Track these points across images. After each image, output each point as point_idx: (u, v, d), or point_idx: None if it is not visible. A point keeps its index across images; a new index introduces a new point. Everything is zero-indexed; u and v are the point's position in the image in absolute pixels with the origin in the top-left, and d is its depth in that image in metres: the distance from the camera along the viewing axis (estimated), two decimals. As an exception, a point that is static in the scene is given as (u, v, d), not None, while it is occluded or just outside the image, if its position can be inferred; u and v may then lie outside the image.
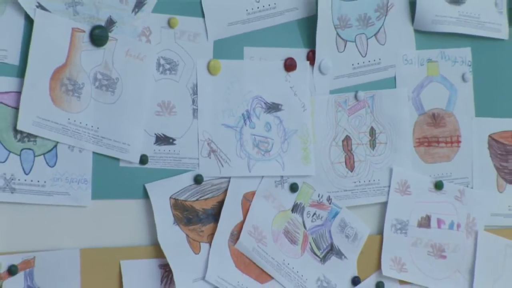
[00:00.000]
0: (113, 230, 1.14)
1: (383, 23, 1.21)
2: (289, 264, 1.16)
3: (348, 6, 1.19)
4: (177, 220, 1.13)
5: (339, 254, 1.19)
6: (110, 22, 1.10)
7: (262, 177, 1.16)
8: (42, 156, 1.08)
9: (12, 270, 1.07)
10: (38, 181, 1.08)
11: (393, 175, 1.21)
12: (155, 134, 1.12)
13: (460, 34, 1.23)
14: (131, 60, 1.11)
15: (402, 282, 1.22)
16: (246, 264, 1.14)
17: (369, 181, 1.20)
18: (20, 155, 1.07)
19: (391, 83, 1.21)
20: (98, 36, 1.08)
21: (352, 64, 1.19)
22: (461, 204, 1.24)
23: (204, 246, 1.14)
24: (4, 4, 1.05)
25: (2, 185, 1.07)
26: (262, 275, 1.15)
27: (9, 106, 1.05)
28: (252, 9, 1.16)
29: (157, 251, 1.14)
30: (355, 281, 1.19)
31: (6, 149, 1.06)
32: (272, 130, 1.16)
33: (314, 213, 1.17)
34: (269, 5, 1.16)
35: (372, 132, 1.20)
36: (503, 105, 1.27)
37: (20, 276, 1.07)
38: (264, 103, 1.16)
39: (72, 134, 1.08)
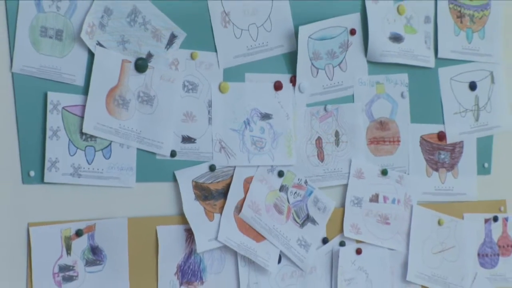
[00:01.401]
0: (151, 204, 1.13)
1: (345, 56, 1.21)
2: (277, 228, 1.17)
3: (319, 44, 1.19)
4: (197, 197, 1.14)
5: (313, 221, 1.20)
6: (149, 55, 1.11)
7: (258, 166, 1.17)
8: (100, 151, 1.09)
9: (78, 233, 1.07)
10: (98, 169, 1.09)
11: (352, 165, 1.22)
12: (181, 135, 1.13)
13: (400, 64, 1.23)
14: (164, 83, 1.12)
15: (358, 241, 1.22)
16: (246, 228, 1.16)
17: (335, 169, 1.21)
18: (84, 150, 1.08)
19: (350, 99, 1.22)
20: (141, 65, 1.10)
21: (323, 86, 1.20)
22: (400, 186, 1.24)
23: (216, 215, 1.15)
24: (74, 43, 1.06)
25: (72, 172, 1.07)
26: (258, 236, 1.16)
27: (77, 115, 1.07)
28: (251, 45, 1.17)
29: (183, 219, 1.13)
30: (325, 240, 1.20)
31: (75, 146, 1.07)
32: (265, 133, 1.17)
33: (295, 192, 1.19)
34: (263, 43, 1.17)
35: (336, 134, 1.21)
36: (430, 115, 1.28)
37: (84, 237, 1.08)
38: (259, 113, 1.17)
39: (122, 136, 1.10)
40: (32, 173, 1.05)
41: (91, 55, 1.08)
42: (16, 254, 1.05)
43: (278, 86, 1.17)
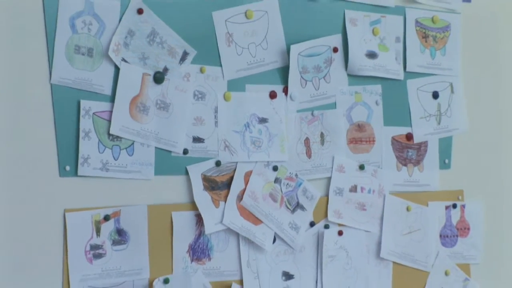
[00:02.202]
0: (166, 194, 1.12)
1: (329, 70, 1.21)
2: (272, 214, 1.17)
3: (307, 60, 1.19)
4: (205, 188, 1.14)
5: (302, 208, 1.19)
6: (165, 69, 1.11)
7: (256, 162, 1.17)
8: (124, 150, 1.09)
9: (106, 218, 1.07)
10: (122, 164, 1.09)
11: (334, 161, 1.21)
12: (192, 136, 1.13)
13: (375, 76, 1.23)
14: (178, 92, 1.12)
15: (340, 224, 1.22)
16: (247, 214, 1.15)
17: (320, 164, 1.21)
18: (111, 149, 1.08)
19: (333, 106, 1.21)
20: (158, 78, 1.10)
21: (310, 95, 1.20)
22: (375, 178, 1.24)
23: (222, 203, 1.14)
24: (102, 59, 1.06)
25: (101, 166, 1.07)
26: (256, 220, 1.16)
27: (105, 119, 1.07)
28: (251, 61, 1.16)
29: (193, 206, 1.13)
30: (312, 224, 1.20)
31: (103, 145, 1.08)
32: (262, 134, 1.17)
33: (287, 184, 1.18)
34: (260, 59, 1.17)
35: (322, 135, 1.21)
36: (400, 119, 1.27)
37: (111, 221, 1.08)
38: (257, 117, 1.17)
39: (143, 136, 1.10)
40: (67, 168, 1.05)
41: (117, 69, 1.08)
42: (54, 236, 1.05)
43: (273, 95, 1.17)
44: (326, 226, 1.21)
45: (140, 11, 1.08)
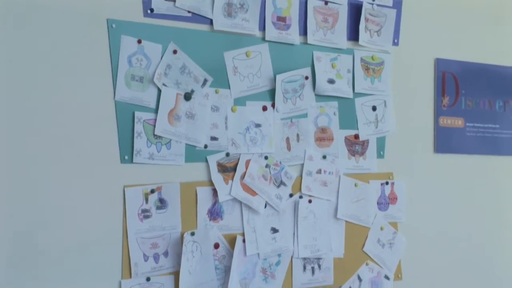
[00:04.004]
0: (193, 175, 1.12)
1: (302, 91, 1.22)
2: (264, 188, 1.18)
3: (288, 85, 1.20)
4: (219, 171, 1.15)
5: (284, 184, 1.20)
6: (192, 91, 1.13)
7: (253, 153, 1.18)
8: (164, 145, 1.10)
9: (152, 191, 1.07)
10: (163, 155, 1.10)
11: (306, 153, 1.22)
12: (210, 136, 1.14)
13: (333, 95, 1.23)
14: (200, 107, 1.14)
15: (310, 196, 1.22)
16: (247, 189, 1.16)
17: (296, 155, 1.22)
18: (155, 144, 1.09)
19: (305, 116, 1.22)
20: (187, 96, 1.12)
21: (290, 108, 1.21)
22: (333, 164, 1.24)
23: (230, 181, 1.15)
24: (149, 84, 1.08)
25: (148, 157, 1.08)
26: (253, 193, 1.17)
27: (151, 125, 1.09)
28: (250, 86, 1.18)
29: (211, 183, 1.13)
30: (291, 195, 1.20)
31: (150, 142, 1.09)
32: (257, 134, 1.18)
33: (274, 168, 1.19)
34: (256, 84, 1.18)
35: (297, 135, 1.22)
36: (350, 124, 1.27)
37: (156, 193, 1.09)
38: (254, 123, 1.18)
39: (176, 136, 1.11)
40: (126, 157, 1.06)
41: (159, 91, 1.09)
42: (117, 204, 1.06)
43: (264, 108, 1.18)
44: (300, 197, 1.21)
45: (175, 52, 1.10)
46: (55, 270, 1.01)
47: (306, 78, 1.22)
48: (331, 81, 1.25)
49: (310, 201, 1.23)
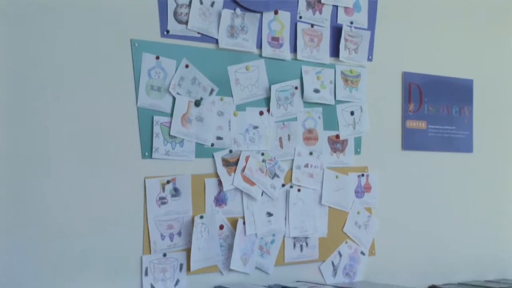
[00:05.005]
0: (202, 168, 1.10)
1: (293, 99, 1.22)
2: (261, 179, 1.19)
3: (281, 93, 1.20)
4: (223, 165, 1.15)
5: (277, 176, 1.21)
6: (201, 99, 1.13)
7: (252, 150, 1.18)
8: (178, 143, 1.10)
9: (168, 182, 1.06)
10: (177, 152, 1.09)
11: (295, 150, 1.22)
12: (216, 136, 1.14)
13: (318, 103, 1.24)
14: (208, 112, 1.14)
15: (299, 185, 1.22)
16: (247, 180, 1.17)
17: (287, 152, 1.22)
18: (171, 143, 1.09)
19: (295, 119, 1.22)
20: (197, 103, 1.12)
21: (282, 113, 1.21)
22: (318, 159, 1.24)
23: (232, 174, 1.14)
24: (166, 93, 1.09)
25: (165, 153, 1.07)
26: (252, 183, 1.17)
27: (167, 127, 1.09)
28: (249, 94, 1.17)
29: (217, 175, 1.13)
30: (283, 185, 1.21)
31: (166, 141, 1.09)
32: (255, 135, 1.19)
33: (269, 163, 1.20)
34: (254, 93, 1.18)
35: (289, 135, 1.22)
36: (332, 126, 1.27)
37: (171, 184, 1.08)
38: (253, 126, 1.19)
39: (188, 136, 1.11)
40: (146, 153, 1.06)
41: (174, 98, 1.09)
42: (139, 193, 1.05)
43: (261, 113, 1.18)
44: (291, 187, 1.21)
45: (187, 66, 1.10)
46: (87, 248, 1.02)
47: (296, 88, 1.23)
48: (316, 91, 1.25)
49: (299, 190, 1.23)
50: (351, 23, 1.27)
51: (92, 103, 1.00)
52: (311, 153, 1.24)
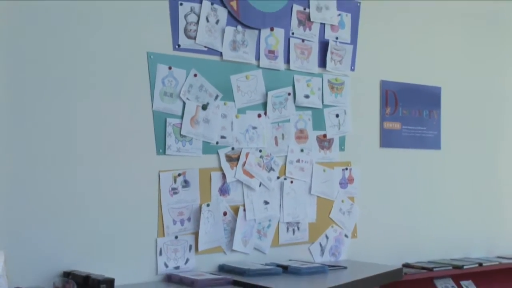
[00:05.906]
0: (208, 163, 1.10)
1: (286, 103, 1.22)
2: (258, 173, 1.18)
3: (276, 99, 1.20)
4: (227, 160, 1.14)
5: (273, 170, 1.21)
6: (208, 103, 1.12)
7: (251, 148, 1.17)
8: (188, 142, 1.09)
9: (179, 175, 1.06)
10: (187, 149, 1.09)
11: (289, 148, 1.21)
12: (220, 135, 1.13)
13: (308, 107, 1.24)
14: (213, 114, 1.13)
15: (291, 178, 1.22)
16: (247, 173, 1.16)
17: (282, 149, 1.22)
18: (181, 141, 1.08)
19: (288, 121, 1.22)
20: (204, 107, 1.11)
21: (277, 116, 1.21)
22: (308, 155, 1.24)
23: (234, 167, 1.14)
24: (177, 98, 1.07)
25: (176, 150, 1.07)
26: (251, 176, 1.16)
27: (178, 127, 1.09)
28: (248, 99, 1.17)
29: (221, 169, 1.12)
30: (278, 177, 1.20)
31: (178, 140, 1.08)
32: (254, 134, 1.18)
33: (266, 158, 1.20)
34: (253, 98, 1.18)
35: (283, 135, 1.22)
36: (320, 127, 1.27)
37: (181, 176, 1.08)
38: (252, 127, 1.19)
39: (196, 136, 1.10)
40: (160, 150, 1.06)
41: (184, 103, 1.09)
42: (154, 184, 1.05)
43: (259, 116, 1.18)
44: (285, 179, 1.21)
45: (195, 75, 1.10)
46: (110, 231, 1.02)
47: (289, 94, 1.23)
48: (306, 96, 1.25)
49: (291, 182, 1.22)
50: (336, 38, 1.29)
51: (114, 107, 1.02)
52: (302, 150, 1.24)
